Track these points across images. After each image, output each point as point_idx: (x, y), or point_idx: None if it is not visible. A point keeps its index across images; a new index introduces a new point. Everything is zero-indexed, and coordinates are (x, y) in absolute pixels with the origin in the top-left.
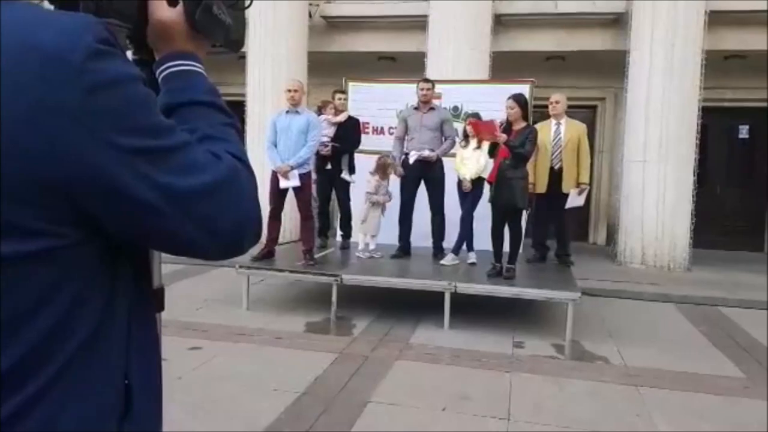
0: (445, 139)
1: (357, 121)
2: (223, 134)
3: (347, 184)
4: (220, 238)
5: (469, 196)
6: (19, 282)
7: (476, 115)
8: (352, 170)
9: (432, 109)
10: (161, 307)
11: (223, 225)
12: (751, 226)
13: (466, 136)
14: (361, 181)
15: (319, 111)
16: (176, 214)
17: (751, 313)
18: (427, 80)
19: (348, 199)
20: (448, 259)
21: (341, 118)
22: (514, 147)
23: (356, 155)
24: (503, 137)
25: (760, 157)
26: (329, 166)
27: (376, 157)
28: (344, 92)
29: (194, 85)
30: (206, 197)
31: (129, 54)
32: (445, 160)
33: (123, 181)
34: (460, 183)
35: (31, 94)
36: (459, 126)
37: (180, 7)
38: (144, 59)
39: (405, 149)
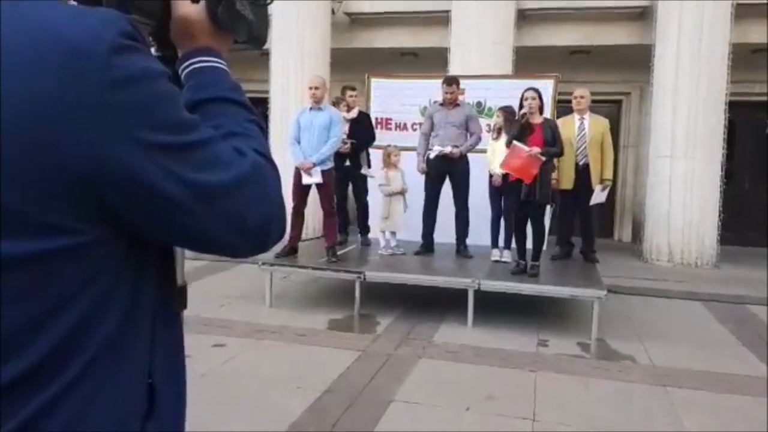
0: (471, 136)
1: (368, 116)
2: (247, 131)
3: (365, 178)
4: (245, 235)
5: (505, 191)
6: (45, 279)
7: (509, 109)
8: (369, 165)
9: (457, 105)
10: (184, 306)
11: (249, 221)
12: None
13: (499, 130)
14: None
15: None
16: (202, 210)
17: None
18: (450, 82)
19: (366, 193)
20: (507, 256)
21: (353, 114)
22: (550, 153)
23: (373, 151)
24: (536, 150)
25: None
26: (347, 163)
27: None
28: (354, 88)
29: (217, 81)
30: (232, 193)
31: (152, 51)
32: (470, 155)
33: (149, 177)
34: (490, 178)
35: (57, 89)
36: (483, 121)
37: (202, 3)
38: (167, 56)
39: (430, 145)
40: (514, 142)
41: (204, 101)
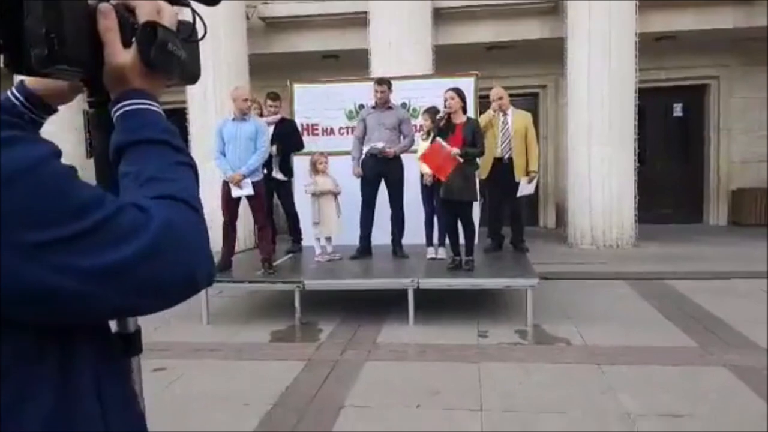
0: (404, 138)
1: (292, 123)
2: (172, 174)
3: (287, 185)
4: (168, 295)
5: (436, 190)
6: None
7: (434, 110)
8: (288, 172)
9: (390, 108)
10: (139, 350)
11: (168, 282)
12: (690, 198)
13: (428, 132)
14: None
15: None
16: (112, 290)
17: (696, 283)
18: (381, 82)
19: (291, 201)
20: (441, 253)
21: (273, 119)
22: (470, 154)
23: (299, 157)
24: (456, 151)
25: (694, 133)
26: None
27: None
28: (276, 97)
29: (147, 123)
30: (143, 263)
31: (83, 97)
32: (404, 157)
33: (39, 279)
34: (422, 178)
35: None
36: (414, 122)
37: (134, 47)
38: (99, 101)
39: (364, 148)
40: (437, 138)
41: (132, 143)
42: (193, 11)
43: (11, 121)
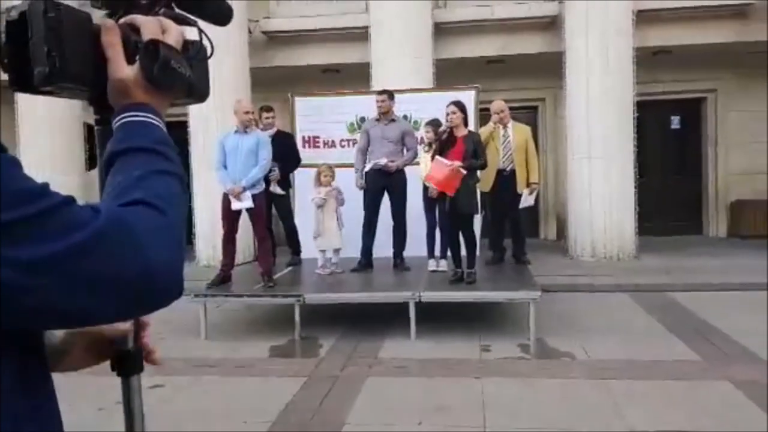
0: (407, 151)
1: (290, 137)
2: (151, 181)
3: (285, 200)
4: (120, 295)
5: (440, 202)
6: None
7: (437, 122)
8: (287, 185)
9: (393, 120)
10: (140, 368)
11: (116, 279)
12: (689, 211)
13: (430, 144)
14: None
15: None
16: (51, 284)
17: (697, 295)
18: (382, 92)
19: (289, 214)
20: (443, 265)
21: (270, 133)
22: (473, 166)
23: (301, 170)
24: (458, 164)
25: (691, 146)
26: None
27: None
28: (271, 109)
29: (142, 133)
30: (84, 256)
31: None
32: (407, 169)
33: None
34: (425, 190)
35: None
36: (416, 134)
37: (137, 64)
38: (106, 118)
39: (367, 161)
40: (437, 156)
41: (121, 152)
42: (200, 30)
43: None
